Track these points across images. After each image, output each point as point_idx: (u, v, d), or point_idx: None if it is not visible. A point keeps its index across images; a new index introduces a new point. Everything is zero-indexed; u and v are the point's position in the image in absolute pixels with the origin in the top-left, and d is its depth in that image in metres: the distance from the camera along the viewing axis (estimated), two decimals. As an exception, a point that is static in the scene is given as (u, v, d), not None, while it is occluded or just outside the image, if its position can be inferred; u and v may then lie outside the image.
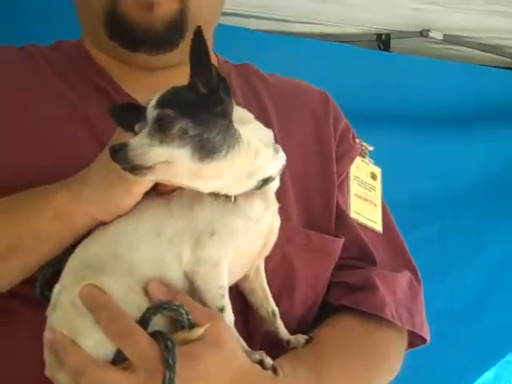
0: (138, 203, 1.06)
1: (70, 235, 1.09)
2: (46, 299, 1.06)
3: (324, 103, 1.44)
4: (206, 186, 1.02)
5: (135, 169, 0.95)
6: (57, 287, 1.05)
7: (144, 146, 0.95)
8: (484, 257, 2.87)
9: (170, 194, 1.06)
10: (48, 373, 1.02)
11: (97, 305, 0.99)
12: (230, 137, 0.99)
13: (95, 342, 0.98)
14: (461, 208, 2.82)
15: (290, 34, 2.83)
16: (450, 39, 2.90)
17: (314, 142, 1.35)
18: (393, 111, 2.75)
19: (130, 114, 1.02)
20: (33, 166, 1.16)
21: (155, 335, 0.97)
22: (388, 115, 2.72)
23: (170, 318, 1.01)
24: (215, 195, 1.03)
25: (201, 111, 0.98)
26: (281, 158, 1.08)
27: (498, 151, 2.91)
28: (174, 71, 1.33)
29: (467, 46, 2.95)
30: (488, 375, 2.86)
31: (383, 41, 2.94)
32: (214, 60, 1.42)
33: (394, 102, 2.77)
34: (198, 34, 0.98)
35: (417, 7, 2.73)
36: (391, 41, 2.94)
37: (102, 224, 1.08)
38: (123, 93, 1.29)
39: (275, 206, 1.10)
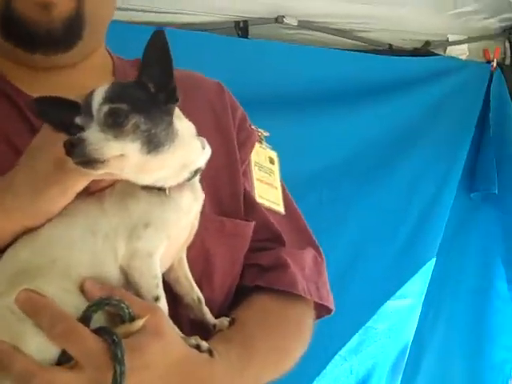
0: (68, 205, 1.05)
1: None
2: None
3: (220, 93, 1.48)
4: (146, 179, 1.06)
5: (91, 163, 0.96)
6: None
7: (100, 141, 0.96)
8: (351, 227, 3.01)
9: (101, 192, 1.07)
10: None
11: (36, 308, 0.99)
12: (171, 132, 1.05)
13: (38, 346, 0.98)
14: (329, 182, 2.95)
15: (149, 24, 2.83)
16: (303, 25, 3.01)
17: (215, 133, 1.39)
18: (255, 95, 2.81)
19: (54, 109, 1.03)
20: None
21: (99, 331, 0.99)
22: (250, 99, 2.77)
23: (107, 314, 1.02)
24: (149, 188, 1.07)
25: (151, 108, 1.02)
26: (207, 151, 1.14)
27: (355, 128, 3.03)
28: (73, 70, 1.33)
29: (320, 31, 3.06)
30: (351, 343, 2.99)
31: (241, 28, 2.99)
32: (106, 56, 1.43)
33: (256, 86, 2.84)
34: (159, 36, 1.01)
35: (272, -6, 2.84)
36: (249, 28, 3.01)
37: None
38: (22, 94, 1.26)
39: (202, 196, 1.15)
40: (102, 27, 1.38)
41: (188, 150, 1.09)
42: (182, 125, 1.09)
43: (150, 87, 1.04)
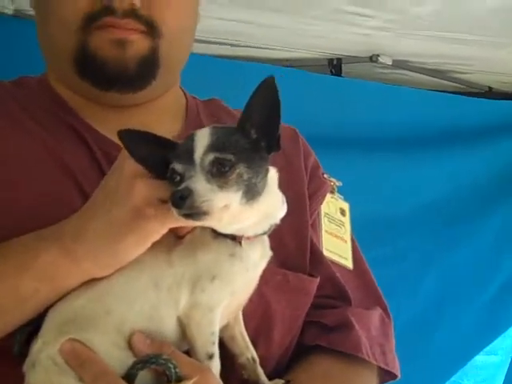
0: None
1: (58, 294, 1.03)
2: (22, 355, 1.02)
3: (294, 140, 1.44)
4: (229, 228, 1.01)
5: (198, 215, 0.92)
6: (37, 343, 1.01)
7: (208, 192, 0.93)
8: (438, 279, 2.94)
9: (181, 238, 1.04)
10: None
11: (80, 361, 0.96)
12: (265, 180, 1.01)
13: None
14: (408, 230, 2.90)
15: (239, 58, 2.82)
16: (398, 64, 2.95)
17: (285, 181, 1.33)
18: (345, 135, 2.78)
19: (140, 143, 0.99)
20: (10, 211, 1.11)
21: (143, 391, 0.95)
22: (340, 139, 2.74)
23: (154, 371, 0.99)
24: (222, 239, 1.03)
25: (252, 156, 0.98)
26: (285, 207, 1.08)
27: (445, 174, 2.98)
28: (143, 109, 1.32)
29: (415, 71, 3.00)
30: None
31: (335, 65, 2.96)
32: (181, 95, 1.42)
33: (347, 125, 2.80)
34: (270, 83, 0.95)
35: (366, 33, 2.78)
36: (342, 66, 2.97)
37: None
38: (93, 130, 1.27)
39: (269, 254, 1.11)
40: (176, 67, 1.37)
41: (274, 200, 1.05)
42: (270, 173, 1.04)
43: (252, 133, 0.99)
